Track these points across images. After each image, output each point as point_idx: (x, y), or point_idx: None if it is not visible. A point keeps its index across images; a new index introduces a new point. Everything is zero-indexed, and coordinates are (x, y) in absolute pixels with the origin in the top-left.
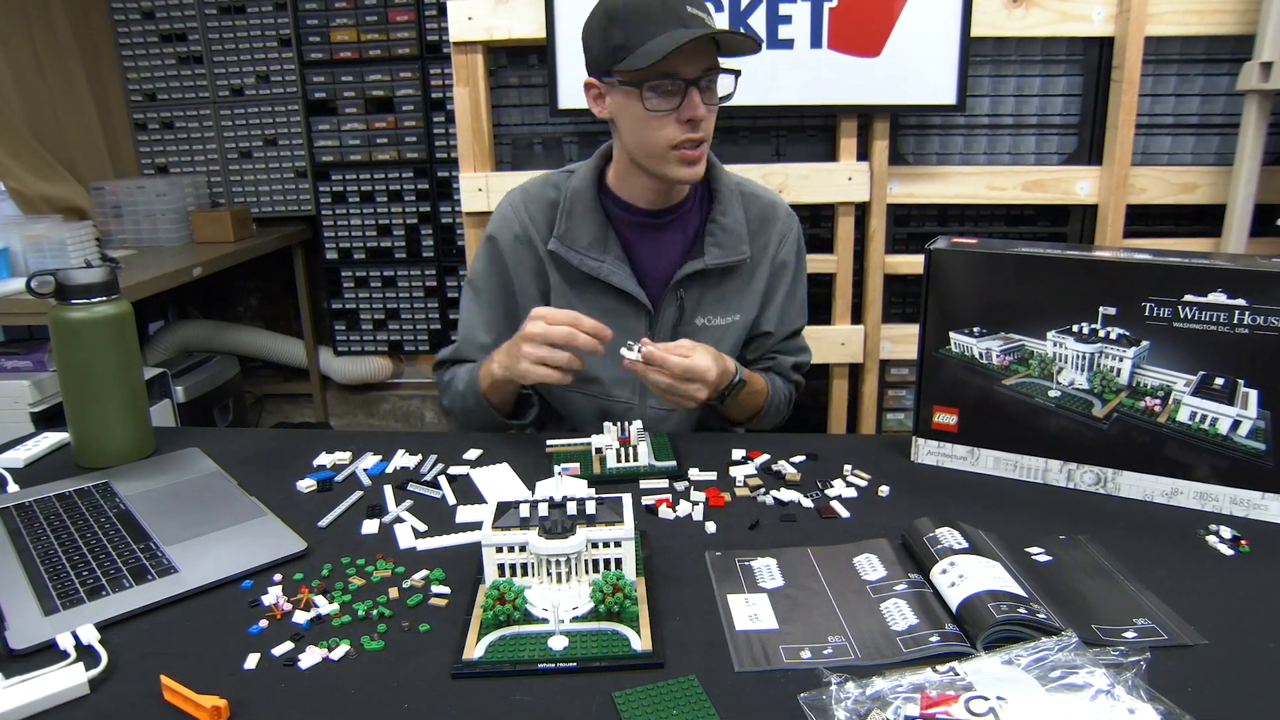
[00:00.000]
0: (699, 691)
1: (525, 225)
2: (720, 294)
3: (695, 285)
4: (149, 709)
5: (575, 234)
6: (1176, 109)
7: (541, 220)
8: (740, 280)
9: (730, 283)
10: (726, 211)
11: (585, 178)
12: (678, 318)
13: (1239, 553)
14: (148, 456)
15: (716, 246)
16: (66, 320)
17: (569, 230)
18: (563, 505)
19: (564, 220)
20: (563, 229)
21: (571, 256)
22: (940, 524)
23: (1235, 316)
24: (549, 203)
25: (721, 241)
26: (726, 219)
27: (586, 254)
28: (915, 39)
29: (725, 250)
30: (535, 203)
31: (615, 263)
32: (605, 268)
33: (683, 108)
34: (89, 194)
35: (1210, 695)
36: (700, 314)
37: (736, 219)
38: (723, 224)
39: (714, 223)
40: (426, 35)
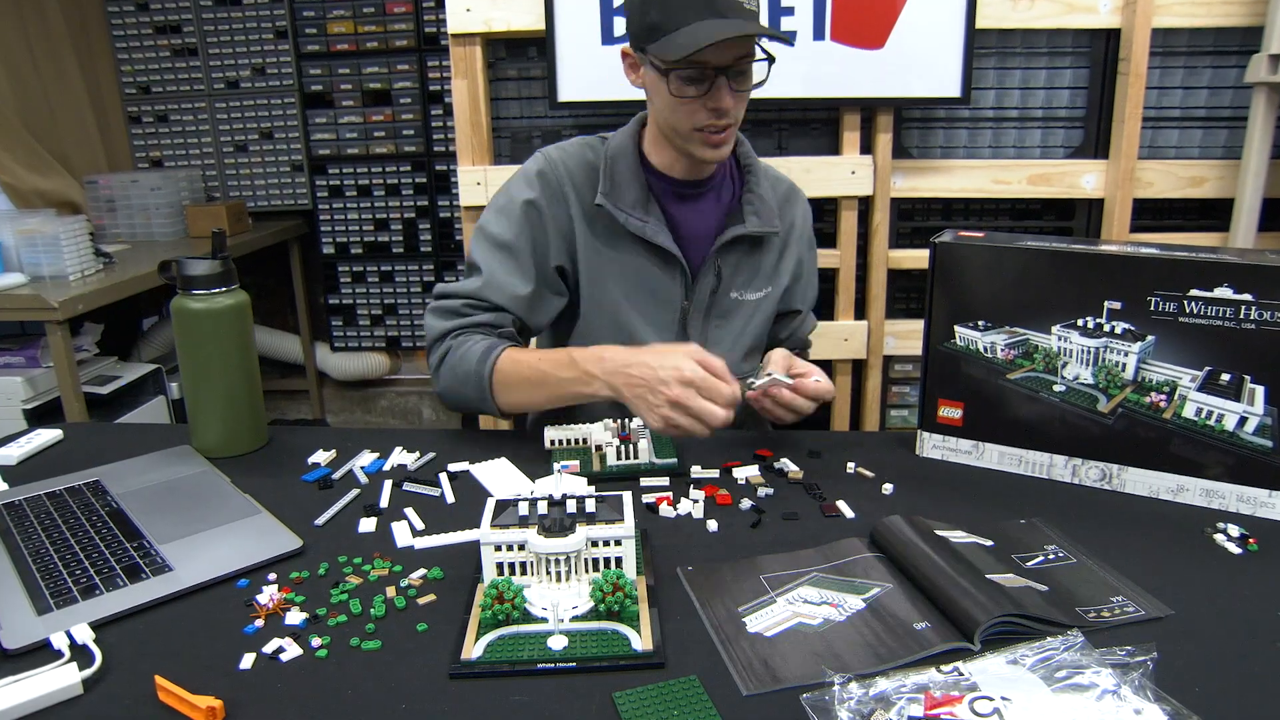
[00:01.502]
0: (700, 692)
1: (562, 181)
2: (753, 267)
3: (733, 254)
4: (144, 709)
5: (620, 191)
6: (1184, 102)
7: (581, 180)
8: (771, 254)
9: (762, 256)
10: (760, 184)
11: (624, 142)
12: (715, 286)
13: (1247, 551)
14: (260, 448)
15: (755, 215)
16: (187, 310)
17: (613, 187)
18: (562, 503)
19: (608, 179)
20: (608, 185)
21: (618, 214)
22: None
23: (1242, 311)
24: (587, 163)
25: (759, 210)
26: (761, 190)
27: (631, 212)
28: (919, 31)
29: (763, 220)
30: (574, 160)
31: (658, 224)
32: (650, 227)
33: (709, 96)
34: (83, 188)
35: (1217, 695)
36: (735, 288)
37: (769, 193)
38: (759, 194)
39: (751, 193)
40: (424, 27)
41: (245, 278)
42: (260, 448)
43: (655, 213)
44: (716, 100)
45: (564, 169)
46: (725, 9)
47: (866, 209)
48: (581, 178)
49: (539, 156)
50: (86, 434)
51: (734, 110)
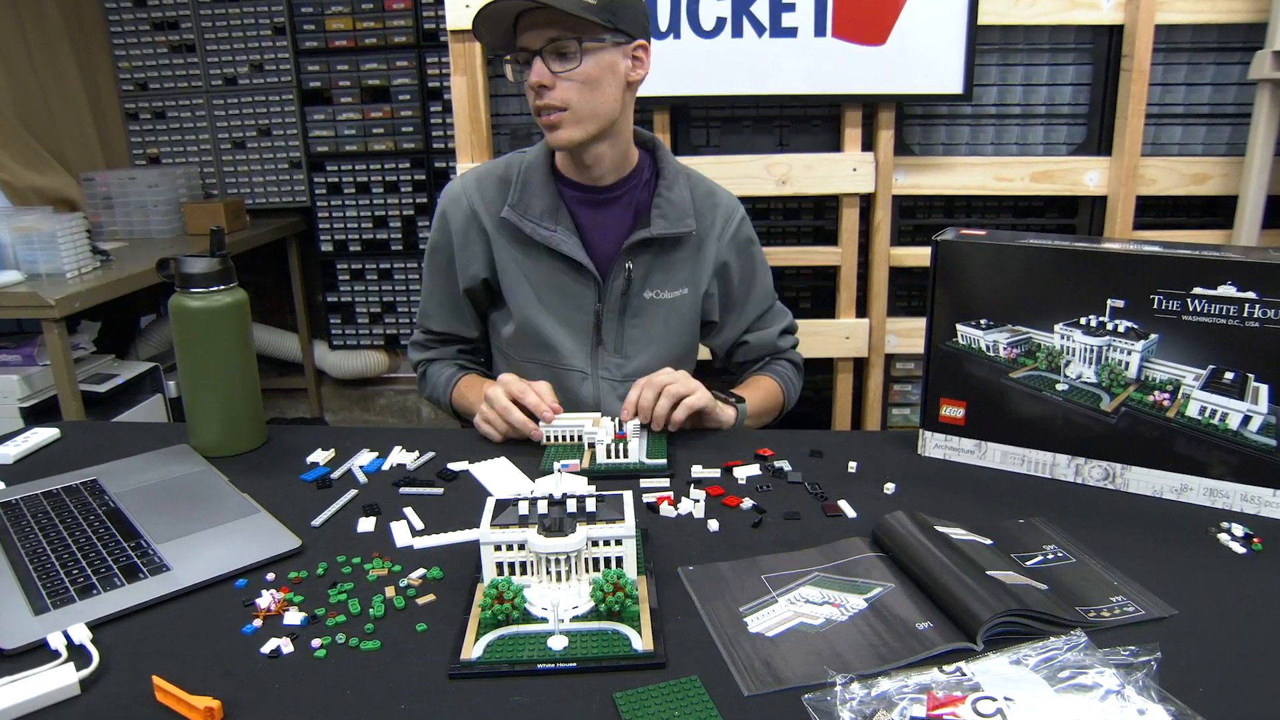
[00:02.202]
0: (701, 692)
1: (473, 202)
2: (668, 266)
3: (643, 256)
4: (141, 709)
5: (528, 203)
6: (1187, 98)
7: (492, 196)
8: (688, 253)
9: (678, 255)
10: (672, 187)
11: (538, 154)
12: (625, 288)
13: (1251, 551)
14: (258, 448)
15: (662, 218)
16: (185, 308)
17: (522, 199)
18: (562, 503)
19: (517, 190)
20: (516, 198)
21: (524, 225)
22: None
23: (1246, 310)
24: (499, 179)
25: (667, 214)
26: (672, 194)
27: (539, 223)
28: (921, 27)
29: (670, 221)
30: (486, 179)
31: (566, 233)
32: (557, 236)
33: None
34: (80, 185)
35: (1222, 696)
36: (648, 287)
37: (682, 195)
38: (668, 198)
39: (660, 196)
40: (423, 23)
41: (243, 275)
42: (259, 447)
43: (564, 221)
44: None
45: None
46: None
47: (868, 206)
48: (492, 191)
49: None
50: (83, 433)
51: (558, 93)
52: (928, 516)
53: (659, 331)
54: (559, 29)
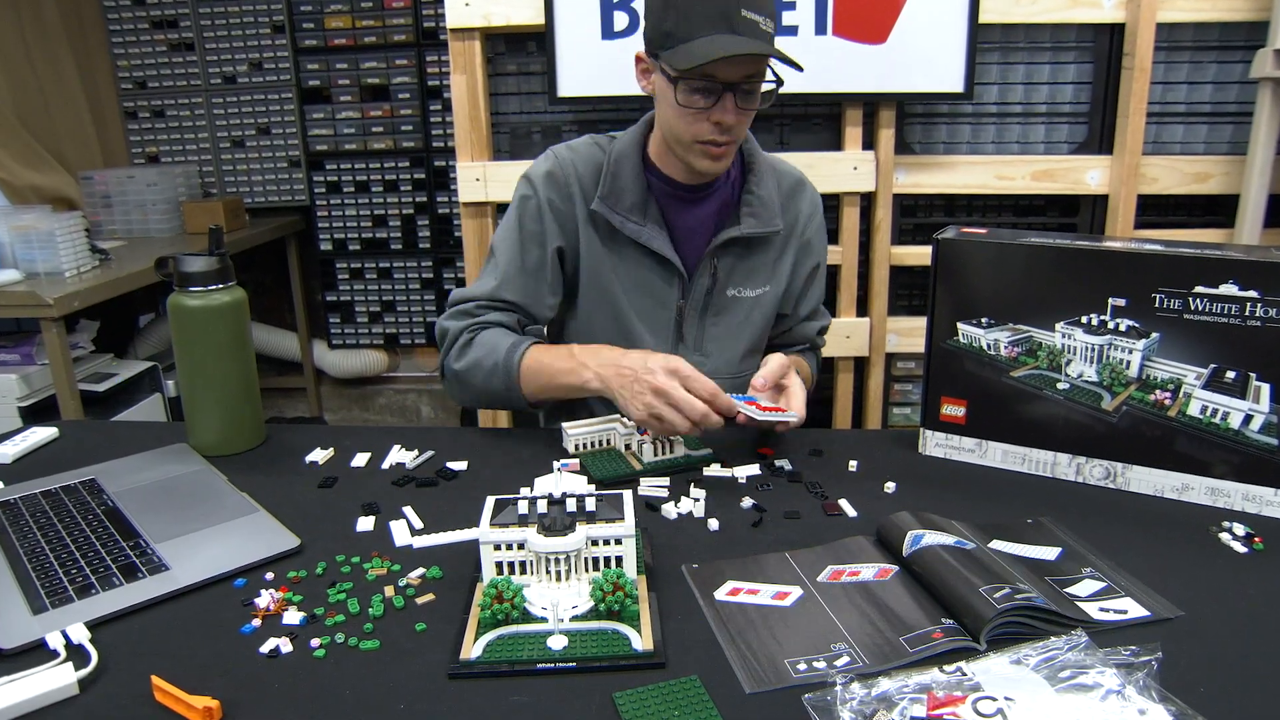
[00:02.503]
0: (701, 692)
1: (569, 181)
2: (751, 266)
3: (728, 255)
4: (140, 709)
5: (618, 195)
6: (1189, 97)
7: (588, 178)
8: (771, 253)
9: (761, 255)
10: (762, 183)
11: (630, 143)
12: (710, 286)
13: (1253, 550)
14: (257, 446)
15: (752, 216)
16: (184, 307)
17: (612, 191)
18: (562, 502)
19: (608, 181)
20: (606, 189)
21: (614, 218)
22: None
23: (1247, 309)
24: (595, 163)
25: (757, 211)
26: (762, 190)
27: (628, 216)
28: (922, 26)
29: (760, 220)
30: (583, 161)
31: (654, 228)
32: (646, 232)
33: (714, 109)
34: (78, 184)
35: (1223, 696)
36: (731, 285)
37: (770, 191)
38: (758, 194)
39: (750, 193)
40: (423, 22)
41: (242, 274)
42: (258, 446)
43: (654, 215)
44: (720, 114)
45: (572, 169)
46: (741, 27)
47: (869, 205)
48: (589, 178)
49: (550, 155)
50: (82, 432)
51: (737, 127)
52: (933, 516)
53: (740, 329)
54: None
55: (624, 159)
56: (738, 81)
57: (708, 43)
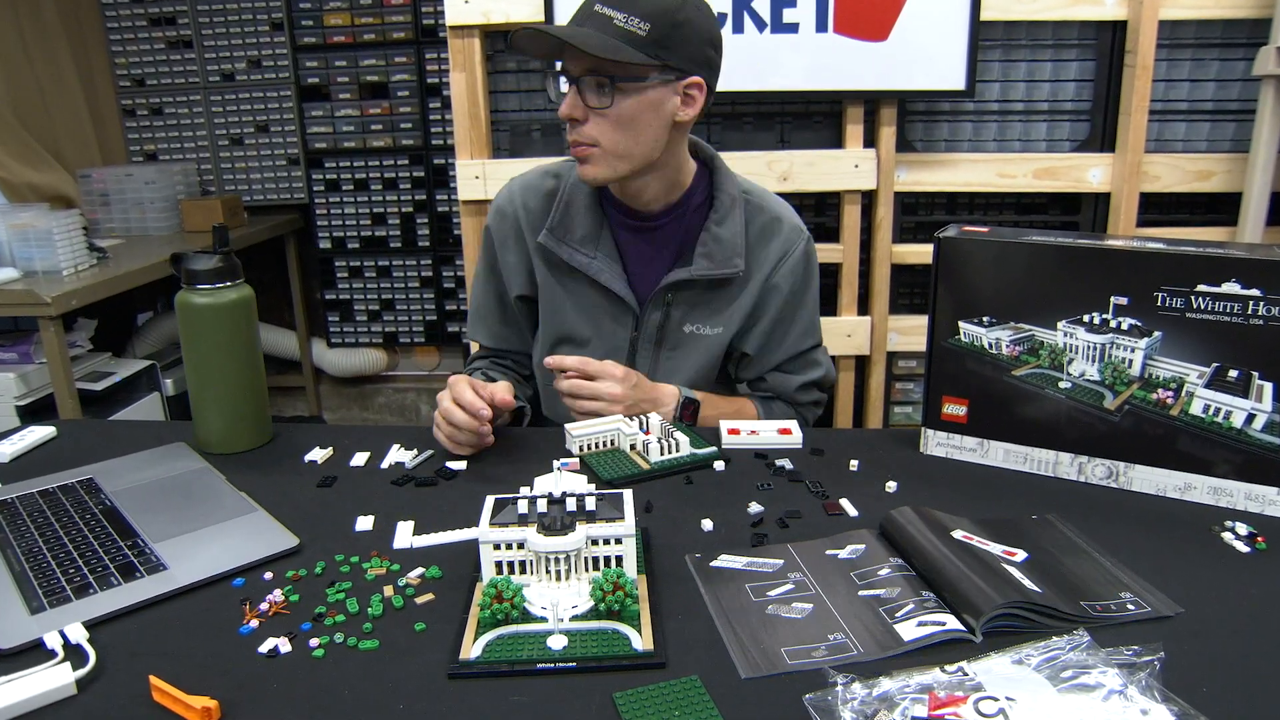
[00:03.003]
0: (702, 692)
1: (518, 217)
2: (711, 304)
3: (685, 292)
4: (138, 709)
5: (568, 226)
6: (1191, 94)
7: (537, 211)
8: (732, 294)
9: (720, 294)
10: (723, 221)
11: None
12: (663, 321)
13: (1255, 550)
14: (264, 445)
15: (706, 258)
16: (191, 305)
17: (562, 222)
18: (562, 501)
19: (559, 211)
20: (556, 220)
21: (562, 250)
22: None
23: (1250, 307)
24: (547, 193)
25: (713, 252)
26: (722, 229)
27: (578, 249)
28: (923, 23)
29: (715, 262)
30: (532, 193)
31: (605, 260)
32: (595, 264)
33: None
34: (76, 182)
35: (1225, 696)
36: (689, 321)
37: (734, 230)
38: (716, 234)
39: (707, 232)
40: (422, 19)
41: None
42: (265, 444)
43: (606, 247)
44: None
45: (520, 205)
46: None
47: (870, 203)
48: (537, 211)
49: (503, 192)
50: (80, 431)
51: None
52: (937, 512)
53: (693, 364)
54: (597, 61)
55: (578, 187)
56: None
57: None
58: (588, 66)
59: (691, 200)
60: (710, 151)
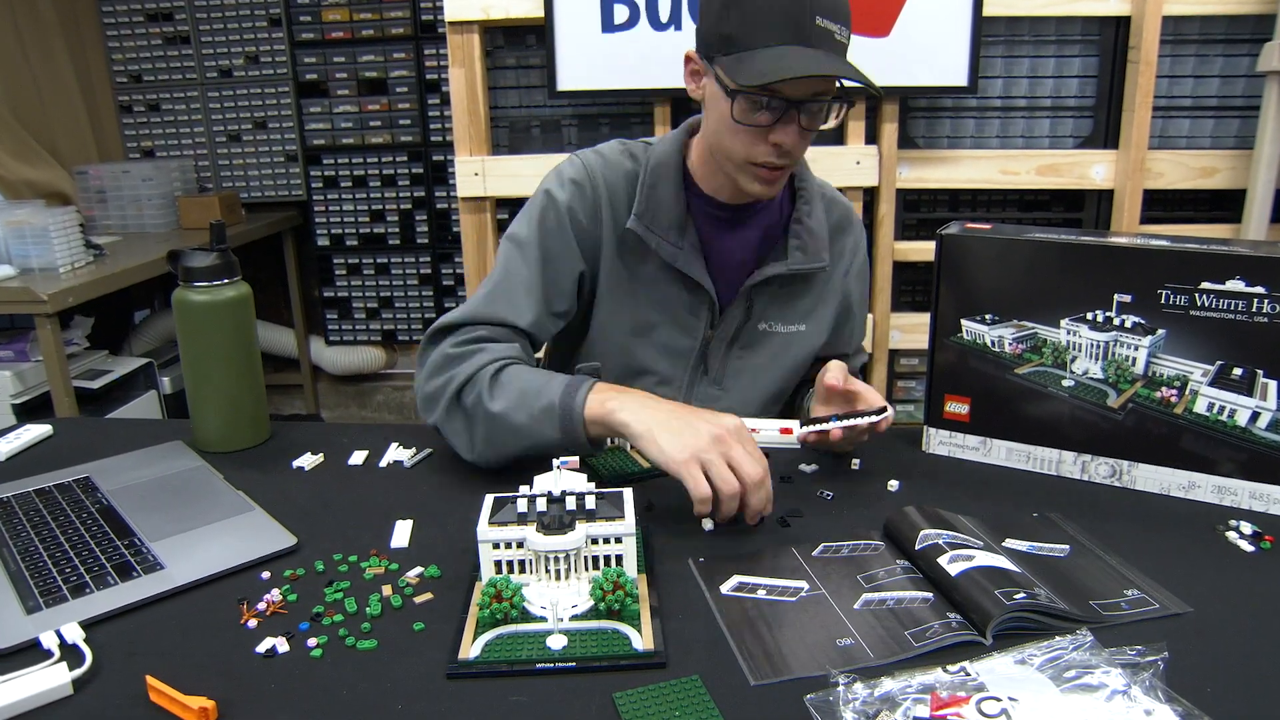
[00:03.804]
0: (702, 692)
1: (598, 194)
2: (791, 300)
3: (767, 289)
4: (135, 710)
5: (656, 213)
6: (1195, 91)
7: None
8: (815, 289)
9: (803, 289)
10: (812, 213)
11: (669, 152)
12: (744, 320)
13: (1260, 549)
14: (262, 444)
15: (800, 250)
16: (189, 302)
17: (649, 208)
18: (561, 500)
19: (644, 197)
20: (643, 206)
21: (651, 239)
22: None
23: (1254, 305)
24: (627, 174)
25: (806, 245)
26: (812, 220)
27: (665, 237)
28: (925, 18)
29: (808, 255)
30: (613, 172)
31: (692, 252)
32: (683, 256)
33: (776, 129)
34: (73, 178)
35: (1230, 696)
36: (766, 319)
37: (820, 222)
38: (808, 225)
39: (799, 224)
40: (421, 14)
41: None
42: (263, 442)
43: (691, 238)
44: (782, 135)
45: (603, 181)
46: (813, 37)
47: (872, 200)
48: (620, 192)
49: (576, 162)
50: (76, 429)
51: (798, 149)
52: (941, 511)
53: (767, 366)
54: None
55: (662, 172)
56: (806, 99)
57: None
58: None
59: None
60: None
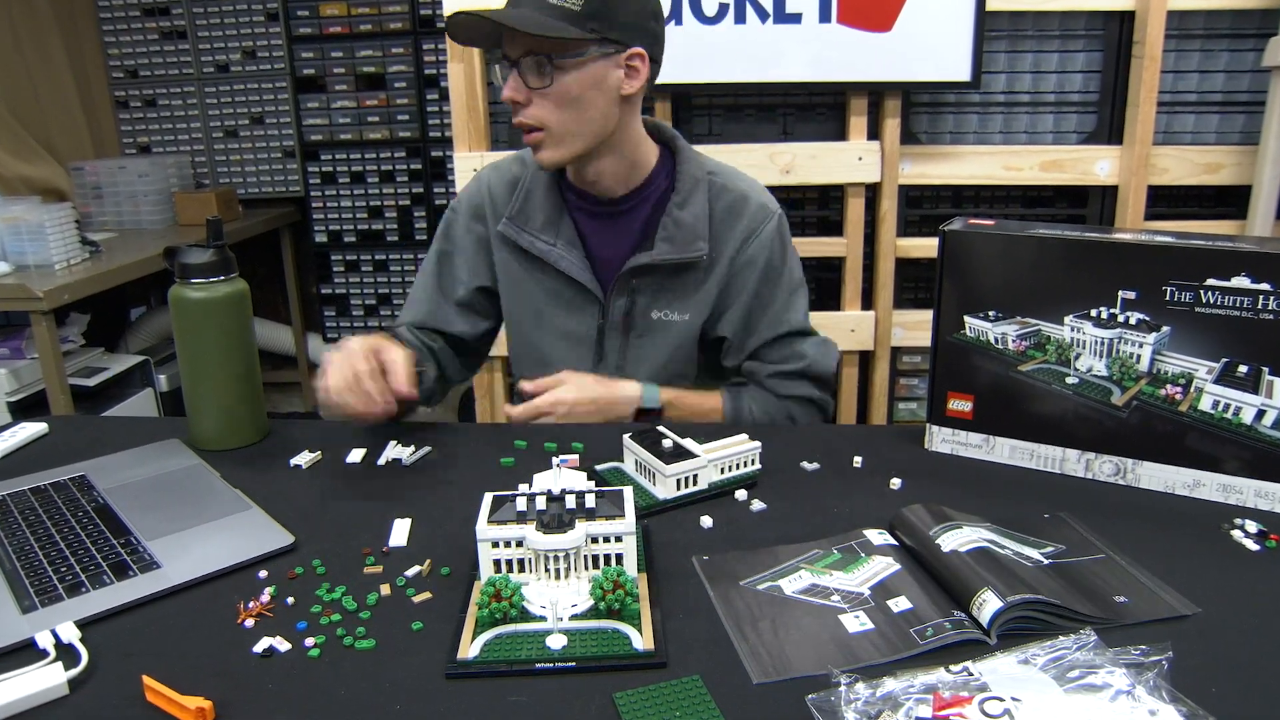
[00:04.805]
0: (703, 692)
1: (483, 203)
2: (677, 289)
3: (649, 277)
4: (131, 710)
5: (528, 213)
6: (1200, 86)
7: (500, 198)
8: (697, 277)
9: (686, 278)
10: (685, 203)
11: None
12: (629, 307)
13: (1266, 548)
14: (259, 442)
15: (667, 241)
16: (185, 299)
17: (522, 209)
18: (561, 498)
19: (520, 199)
20: (515, 208)
21: (522, 238)
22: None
23: (1260, 301)
24: (511, 180)
25: (674, 236)
26: (684, 211)
27: (537, 235)
28: (928, 13)
29: (677, 246)
30: (500, 179)
31: (566, 247)
32: (555, 251)
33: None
34: (69, 175)
35: (1235, 696)
36: (656, 307)
37: (696, 212)
38: (677, 217)
39: (668, 215)
40: (420, 9)
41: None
42: (260, 440)
43: (566, 233)
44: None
45: (487, 189)
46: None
47: (874, 196)
48: (502, 197)
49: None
50: (72, 427)
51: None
52: (948, 509)
53: (663, 351)
54: (534, 40)
55: (539, 175)
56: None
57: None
58: (526, 47)
59: (654, 184)
60: (671, 133)
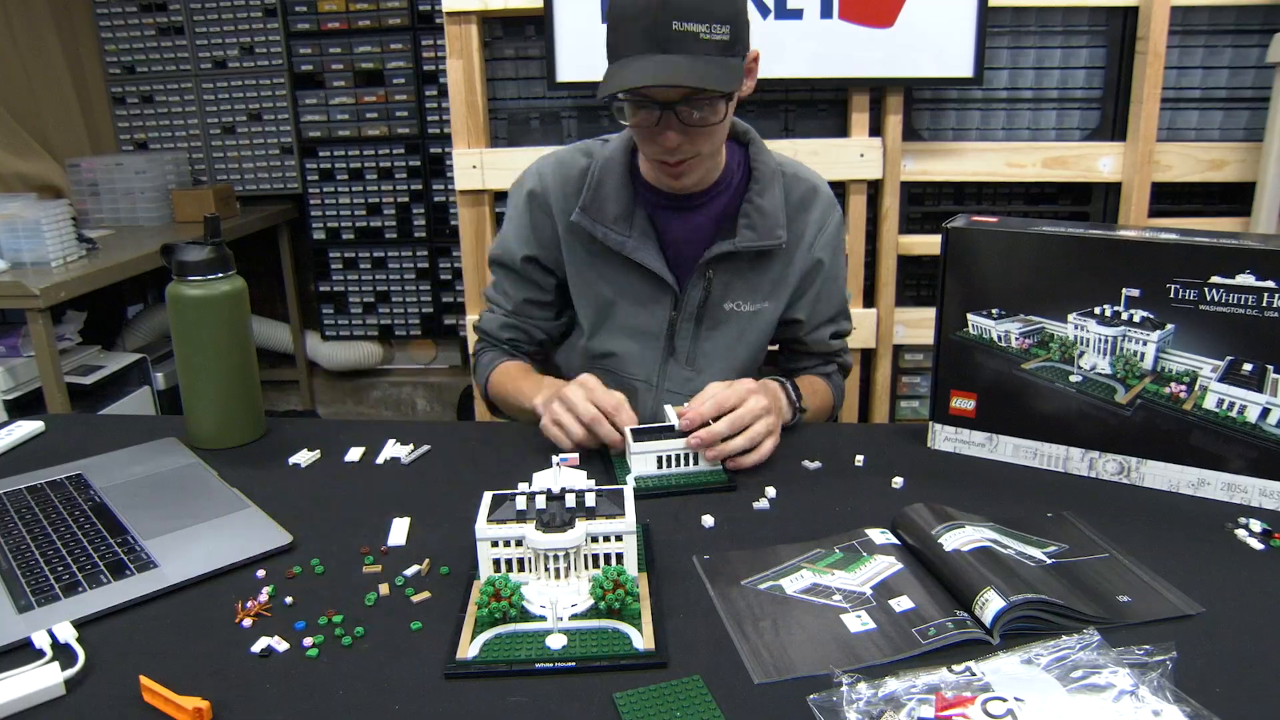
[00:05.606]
0: (704, 692)
1: (547, 198)
2: (752, 278)
3: (726, 267)
4: (128, 710)
5: (601, 205)
6: (1204, 82)
7: (568, 189)
8: (775, 266)
9: (763, 267)
10: (764, 192)
11: (617, 149)
12: (704, 298)
13: (1270, 547)
14: (257, 440)
15: (750, 229)
16: (183, 297)
17: (595, 201)
18: (561, 497)
19: (590, 190)
20: (588, 199)
21: (596, 229)
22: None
23: (1264, 299)
24: (579, 170)
25: (756, 224)
26: (763, 200)
27: (611, 228)
28: (930, 9)
29: (759, 234)
30: (564, 169)
31: (641, 238)
32: (630, 243)
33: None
34: (65, 171)
35: (1239, 696)
36: (729, 298)
37: (774, 202)
38: (759, 205)
39: (749, 203)
40: (418, 5)
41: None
42: (258, 439)
43: (640, 225)
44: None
45: (551, 182)
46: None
47: (876, 193)
48: (570, 190)
49: (533, 169)
50: (69, 426)
51: (685, 146)
52: (950, 509)
53: (735, 344)
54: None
55: (609, 167)
56: (674, 101)
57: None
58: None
59: (730, 177)
60: (744, 126)
